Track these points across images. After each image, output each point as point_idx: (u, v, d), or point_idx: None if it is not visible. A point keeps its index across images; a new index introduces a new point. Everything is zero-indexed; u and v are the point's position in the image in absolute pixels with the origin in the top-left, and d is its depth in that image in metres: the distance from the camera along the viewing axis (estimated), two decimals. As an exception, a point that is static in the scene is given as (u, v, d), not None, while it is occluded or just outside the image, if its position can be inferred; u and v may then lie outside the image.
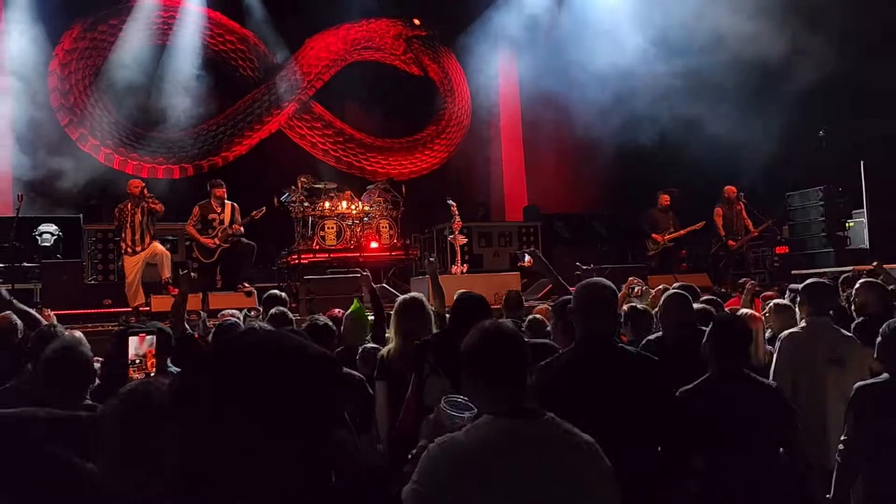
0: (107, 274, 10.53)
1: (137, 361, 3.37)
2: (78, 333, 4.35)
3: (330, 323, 4.22)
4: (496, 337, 1.99)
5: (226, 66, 14.15)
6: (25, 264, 9.68)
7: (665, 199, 11.62)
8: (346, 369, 3.53)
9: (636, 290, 6.22)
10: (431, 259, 5.92)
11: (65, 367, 2.75)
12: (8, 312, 4.31)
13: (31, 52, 12.27)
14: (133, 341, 3.16)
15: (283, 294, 5.69)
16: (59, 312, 8.81)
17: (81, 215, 11.25)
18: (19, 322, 4.28)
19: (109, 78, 13.14)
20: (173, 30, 13.60)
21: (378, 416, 3.93)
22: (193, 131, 13.74)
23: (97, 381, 3.05)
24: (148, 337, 3.27)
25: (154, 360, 3.92)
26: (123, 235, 8.84)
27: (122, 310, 8.58)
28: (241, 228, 9.41)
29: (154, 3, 13.44)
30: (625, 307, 4.65)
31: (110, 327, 6.93)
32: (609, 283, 2.84)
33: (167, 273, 8.81)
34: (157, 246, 9.06)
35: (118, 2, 13.28)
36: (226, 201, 9.38)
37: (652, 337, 4.00)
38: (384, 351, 4.09)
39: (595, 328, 2.72)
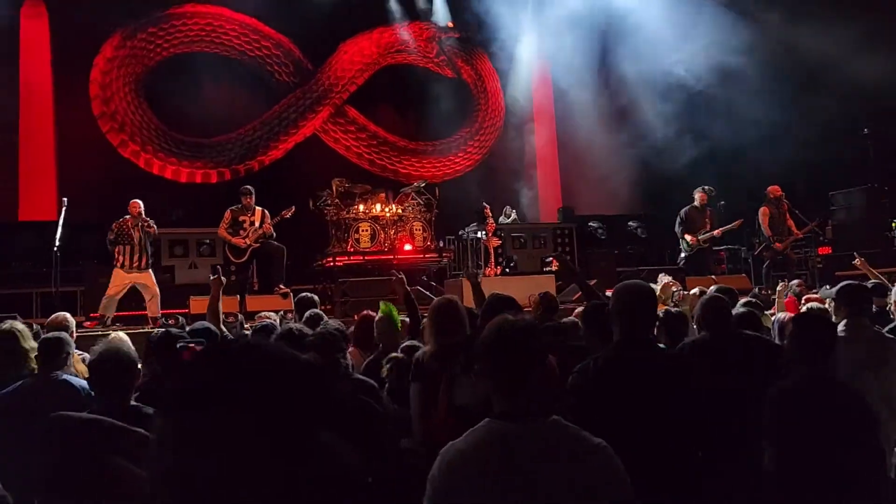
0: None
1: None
2: (122, 335, 4.47)
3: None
4: (497, 336, 1.93)
5: (262, 71, 14.34)
6: (70, 268, 9.93)
7: (702, 197, 11.30)
8: (358, 376, 3.53)
9: (674, 292, 6.14)
10: (474, 270, 6.04)
11: (111, 368, 2.84)
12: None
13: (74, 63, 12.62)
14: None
15: (315, 296, 5.73)
16: (96, 315, 9.06)
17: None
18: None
19: (149, 85, 13.43)
20: (210, 36, 13.85)
21: (413, 417, 3.95)
22: (231, 136, 13.95)
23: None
24: (194, 347, 3.31)
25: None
26: (121, 249, 8.85)
27: (163, 312, 8.73)
28: (271, 228, 9.55)
29: (191, 11, 13.70)
30: (660, 310, 4.60)
31: (150, 329, 7.07)
32: (648, 284, 2.81)
33: (156, 311, 8.68)
34: (151, 278, 8.99)
35: (157, 10, 13.54)
36: (255, 206, 9.54)
37: (688, 340, 3.94)
38: (419, 353, 4.11)
39: (633, 331, 2.68)
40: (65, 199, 8.96)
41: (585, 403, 2.38)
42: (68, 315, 5.37)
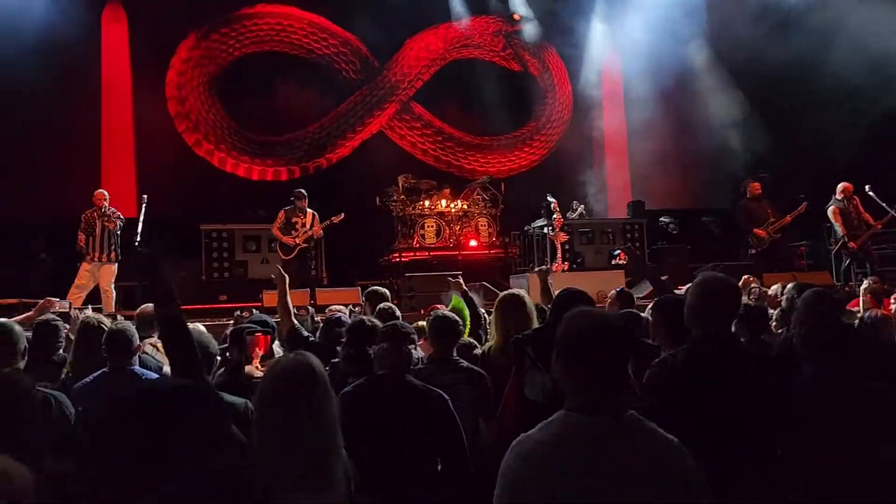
0: (222, 272, 11.04)
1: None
2: (200, 326, 4.61)
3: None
4: (584, 328, 1.89)
5: (329, 68, 14.54)
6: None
7: (756, 187, 10.74)
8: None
9: (753, 289, 5.95)
10: (543, 268, 6.04)
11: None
12: None
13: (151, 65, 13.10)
14: (249, 340, 3.30)
15: (386, 290, 5.78)
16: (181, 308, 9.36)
17: (198, 216, 11.84)
18: None
19: (221, 84, 13.80)
20: (280, 35, 14.13)
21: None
22: (299, 134, 14.21)
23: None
24: (259, 336, 3.39)
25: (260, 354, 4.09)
26: (86, 240, 8.86)
27: (236, 305, 8.95)
28: (321, 231, 9.86)
29: (262, 11, 14.00)
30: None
31: (225, 321, 7.26)
32: (729, 278, 2.71)
33: (108, 308, 8.54)
34: (109, 273, 8.90)
35: (229, 11, 13.89)
36: (307, 209, 9.82)
37: (783, 337, 3.78)
38: (484, 347, 4.09)
39: (715, 327, 2.59)
40: (144, 196, 9.27)
41: (664, 400, 2.31)
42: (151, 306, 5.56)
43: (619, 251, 11.38)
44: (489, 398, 3.56)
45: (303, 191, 9.97)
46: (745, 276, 6.51)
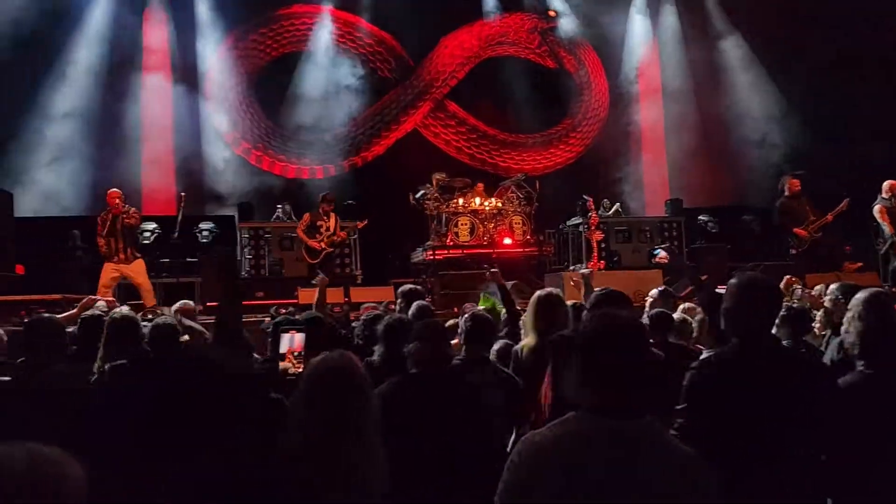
0: (259, 268, 11.15)
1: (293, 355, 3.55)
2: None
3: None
4: (599, 330, 1.87)
5: (364, 67, 14.60)
6: (187, 259, 10.48)
7: (795, 184, 10.40)
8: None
9: (795, 290, 5.82)
10: (585, 271, 6.02)
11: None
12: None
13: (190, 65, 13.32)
14: (285, 338, 3.32)
15: (420, 288, 5.77)
16: (213, 305, 9.50)
17: (236, 214, 12.00)
18: None
19: (258, 83, 13.96)
20: (315, 35, 14.23)
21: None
22: (335, 133, 14.29)
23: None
24: (298, 335, 3.41)
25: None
26: (109, 241, 8.71)
27: (272, 301, 9.04)
28: (345, 235, 10.03)
29: (298, 11, 14.11)
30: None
31: (262, 317, 7.34)
32: (770, 278, 2.64)
33: (150, 302, 8.41)
34: (140, 268, 8.84)
35: (266, 11, 14.03)
36: (331, 213, 9.90)
37: (837, 341, 3.67)
38: (518, 347, 4.05)
39: (755, 327, 2.53)
40: (183, 193, 9.40)
41: (703, 402, 2.26)
42: (191, 302, 5.68)
43: (659, 250, 11.20)
44: (520, 402, 3.53)
45: (331, 195, 10.06)
46: (787, 277, 6.35)
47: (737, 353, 2.48)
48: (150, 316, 5.41)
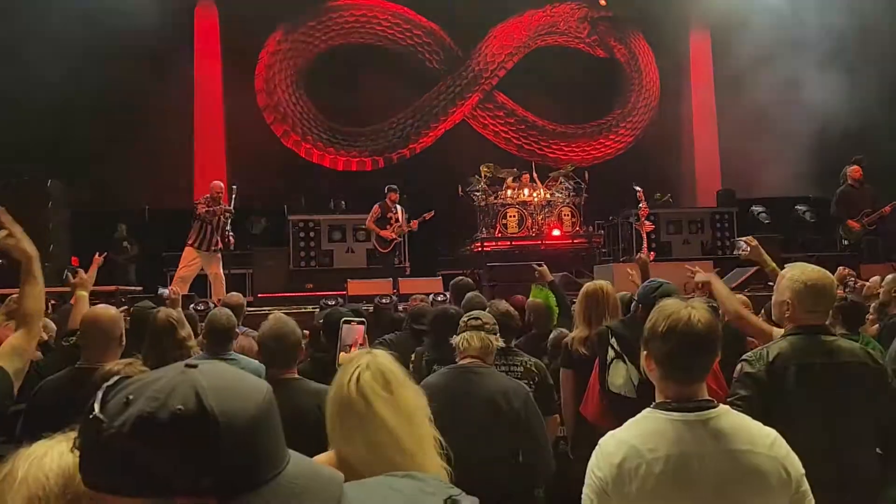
0: (309, 260, 11.32)
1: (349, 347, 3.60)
2: (282, 314, 4.74)
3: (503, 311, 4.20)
4: (669, 322, 1.83)
5: (414, 59, 14.65)
6: (239, 252, 10.70)
7: (857, 171, 9.89)
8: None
9: (849, 281, 5.67)
10: (642, 255, 5.99)
11: (278, 344, 3.03)
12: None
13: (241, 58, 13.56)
14: (345, 329, 3.35)
15: (470, 280, 5.80)
16: (267, 295, 9.69)
17: (286, 206, 12.18)
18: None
19: (307, 76, 14.14)
20: (364, 27, 14.34)
21: (563, 402, 3.92)
22: (383, 125, 14.39)
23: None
24: (357, 326, 3.44)
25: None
26: (204, 230, 9.04)
27: (323, 293, 9.17)
28: (416, 226, 10.13)
29: (347, 3, 14.23)
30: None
31: (312, 309, 7.45)
32: (821, 269, 2.58)
33: (220, 295, 8.41)
34: (219, 263, 9.17)
35: (315, 4, 14.18)
36: (398, 205, 10.08)
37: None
38: (568, 338, 4.05)
39: (811, 319, 2.48)
40: (234, 186, 9.58)
41: (758, 394, 2.23)
42: (240, 295, 5.78)
43: (742, 243, 10.98)
44: (549, 393, 3.53)
45: (395, 186, 10.18)
46: (841, 268, 6.19)
47: (793, 345, 2.44)
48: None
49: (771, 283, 3.11)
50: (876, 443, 2.40)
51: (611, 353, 3.36)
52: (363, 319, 3.24)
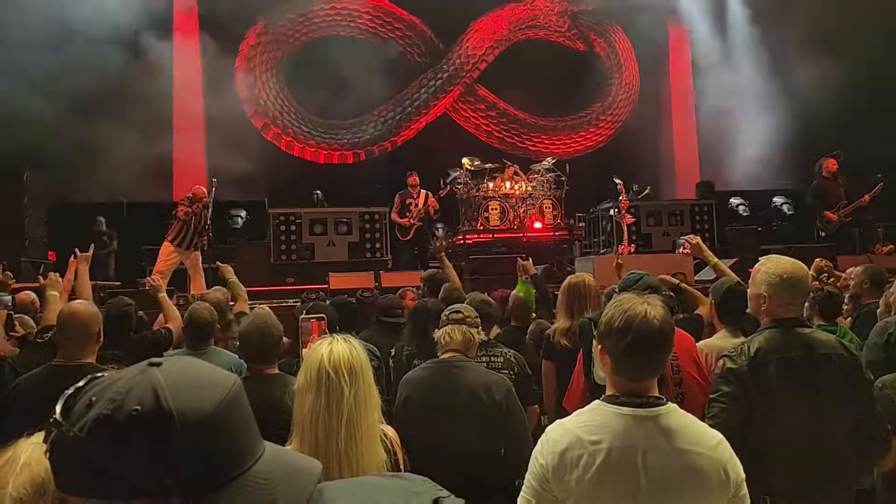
0: (289, 254, 11.26)
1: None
2: (267, 308, 4.73)
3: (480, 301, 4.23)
4: (629, 319, 1.83)
5: (395, 52, 14.59)
6: (219, 246, 10.63)
7: (833, 164, 10.13)
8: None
9: (825, 273, 5.74)
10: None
11: (259, 339, 3.03)
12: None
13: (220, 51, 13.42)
14: (303, 326, 3.33)
15: (438, 273, 5.77)
16: (248, 289, 9.60)
17: (266, 199, 12.11)
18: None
19: (288, 69, 14.04)
20: (346, 20, 14.25)
21: (544, 394, 3.94)
22: (364, 118, 14.34)
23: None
24: (312, 321, 3.42)
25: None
26: (185, 229, 8.95)
27: (303, 287, 9.14)
28: (437, 204, 10.42)
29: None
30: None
31: (293, 303, 7.42)
32: (797, 261, 2.61)
33: (200, 289, 8.42)
34: (198, 259, 9.09)
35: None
36: (420, 189, 10.24)
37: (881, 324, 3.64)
38: (550, 330, 4.07)
39: (787, 312, 2.51)
40: (214, 179, 9.50)
41: (741, 389, 2.25)
42: (223, 290, 5.74)
43: (682, 241, 11.10)
44: (528, 384, 3.56)
45: (413, 172, 10.37)
46: (818, 259, 6.26)
47: (772, 339, 2.46)
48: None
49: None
50: (854, 432, 2.44)
51: (595, 345, 3.39)
52: (322, 315, 3.24)
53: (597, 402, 1.85)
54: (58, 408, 0.87)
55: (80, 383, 0.89)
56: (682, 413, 1.83)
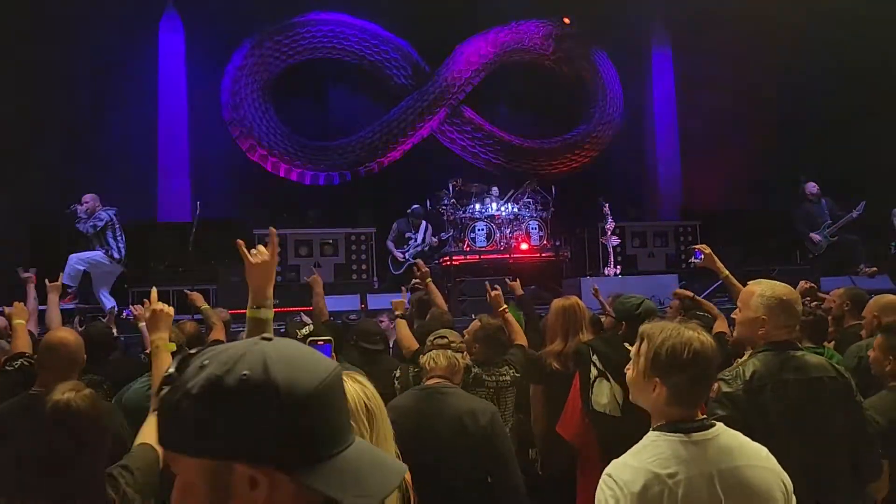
0: (275, 276, 11.15)
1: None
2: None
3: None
4: (691, 347, 1.84)
5: (381, 74, 14.64)
6: (203, 267, 10.53)
7: (814, 186, 10.44)
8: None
9: (806, 301, 5.75)
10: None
11: None
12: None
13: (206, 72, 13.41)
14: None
15: (425, 296, 5.73)
16: (233, 312, 9.51)
17: (251, 221, 12.02)
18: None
19: (274, 90, 14.03)
20: (332, 42, 14.29)
21: (533, 419, 3.89)
22: (351, 139, 14.33)
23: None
24: (322, 346, 3.36)
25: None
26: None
27: (288, 309, 9.05)
28: (436, 241, 10.30)
29: (314, 19, 14.16)
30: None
31: (277, 326, 7.32)
32: (786, 285, 2.61)
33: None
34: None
35: (283, 19, 14.09)
36: (421, 223, 9.90)
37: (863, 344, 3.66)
38: (540, 354, 4.04)
39: (783, 334, 2.50)
40: (198, 201, 9.44)
41: (738, 413, 2.25)
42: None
43: (700, 254, 11.12)
44: (537, 364, 3.64)
45: (419, 208, 10.28)
46: (802, 281, 6.29)
47: (767, 362, 2.44)
48: None
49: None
50: (848, 455, 2.43)
51: (594, 372, 3.34)
52: (330, 338, 3.18)
53: (653, 433, 1.83)
54: (172, 367, 0.94)
55: (192, 350, 0.97)
56: (730, 430, 1.84)
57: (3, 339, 4.69)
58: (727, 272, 4.00)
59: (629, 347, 2.02)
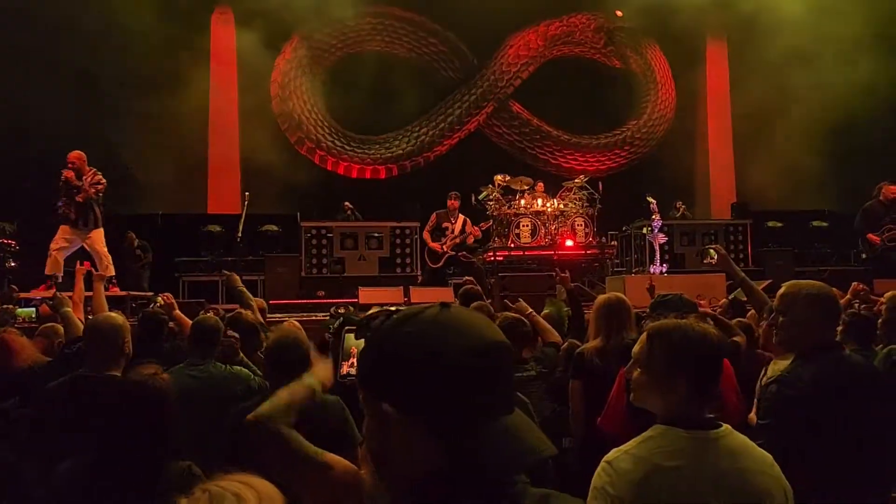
0: (320, 267, 11.32)
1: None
2: (296, 322, 4.73)
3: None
4: (696, 342, 1.84)
5: (429, 68, 14.67)
6: (251, 258, 10.74)
7: (891, 190, 9.88)
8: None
9: (860, 297, 5.59)
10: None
11: (288, 354, 3.00)
12: None
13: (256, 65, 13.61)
14: (349, 337, 3.31)
15: (479, 288, 5.75)
16: (279, 302, 9.69)
17: (298, 213, 12.19)
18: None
19: (323, 84, 14.17)
20: (381, 35, 14.36)
21: (572, 413, 3.87)
22: (398, 133, 14.41)
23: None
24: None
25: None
26: (67, 203, 8.06)
27: (333, 301, 9.16)
28: (479, 233, 9.96)
29: (363, 11, 14.20)
30: (845, 314, 4.18)
31: (322, 316, 7.43)
32: (823, 284, 2.56)
33: (103, 272, 7.26)
34: (99, 239, 8.28)
35: (332, 12, 14.20)
36: (458, 214, 9.86)
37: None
38: (581, 349, 4.01)
39: (826, 336, 2.45)
40: (247, 193, 9.60)
41: (798, 416, 2.22)
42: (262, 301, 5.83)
43: (712, 251, 10.92)
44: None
45: (455, 192, 10.03)
46: (854, 283, 6.12)
47: (822, 364, 2.40)
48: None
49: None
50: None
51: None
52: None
53: (660, 426, 1.81)
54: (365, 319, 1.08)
55: (381, 308, 1.11)
56: (737, 433, 1.81)
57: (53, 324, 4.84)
58: (743, 275, 3.93)
59: None
